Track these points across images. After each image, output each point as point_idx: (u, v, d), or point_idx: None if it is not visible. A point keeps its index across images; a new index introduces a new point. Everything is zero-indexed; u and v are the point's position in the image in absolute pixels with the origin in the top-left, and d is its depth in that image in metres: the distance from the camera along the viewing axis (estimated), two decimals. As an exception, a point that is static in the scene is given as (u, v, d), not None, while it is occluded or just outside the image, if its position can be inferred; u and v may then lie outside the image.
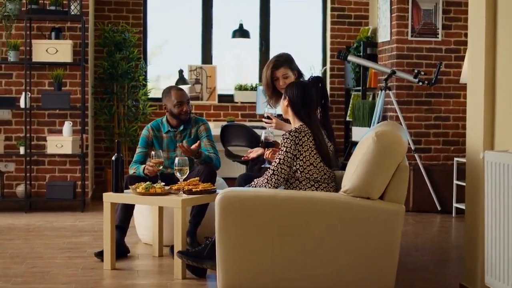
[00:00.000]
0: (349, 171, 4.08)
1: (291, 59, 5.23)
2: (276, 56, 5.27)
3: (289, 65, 5.18)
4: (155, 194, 4.72)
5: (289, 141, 4.24)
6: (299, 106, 4.37)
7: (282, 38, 9.08)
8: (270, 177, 4.25)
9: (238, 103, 8.82)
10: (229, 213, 3.97)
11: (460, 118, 7.84)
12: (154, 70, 8.81)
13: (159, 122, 5.72)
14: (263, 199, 4.00)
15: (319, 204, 3.99)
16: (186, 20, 8.94)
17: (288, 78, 5.18)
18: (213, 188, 4.89)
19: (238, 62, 9.22)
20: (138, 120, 8.28)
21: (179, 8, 8.96)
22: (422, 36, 7.77)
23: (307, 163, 4.25)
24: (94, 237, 5.95)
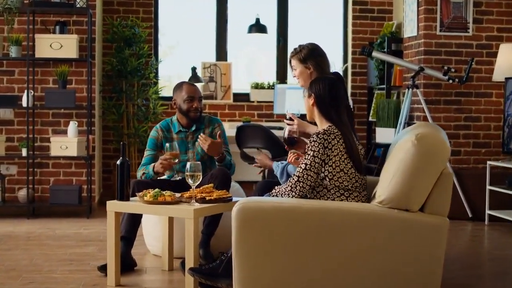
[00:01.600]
0: (385, 179, 3.58)
1: (307, 52, 4.70)
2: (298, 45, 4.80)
3: (299, 57, 4.68)
4: (164, 202, 4.25)
5: (317, 144, 3.74)
6: (327, 104, 3.88)
7: (301, 34, 8.58)
8: (295, 185, 3.76)
9: (254, 103, 8.34)
10: (247, 226, 3.50)
11: (492, 119, 7.32)
12: (166, 69, 8.31)
13: (168, 122, 5.25)
14: (286, 210, 3.51)
15: (350, 216, 3.51)
16: (200, 14, 8.47)
17: (298, 72, 4.72)
18: (229, 196, 4.41)
19: (254, 59, 8.71)
20: (149, 120, 7.81)
21: (192, 1, 8.48)
22: (451, 31, 7.25)
23: (336, 169, 3.75)
24: (99, 247, 5.48)
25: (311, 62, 4.67)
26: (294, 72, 4.76)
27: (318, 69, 4.70)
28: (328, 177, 3.76)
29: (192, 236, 4.08)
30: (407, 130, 3.99)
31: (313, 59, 4.67)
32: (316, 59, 4.70)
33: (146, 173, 4.98)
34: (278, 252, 3.50)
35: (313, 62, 4.67)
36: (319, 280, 3.49)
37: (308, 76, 4.71)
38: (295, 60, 4.72)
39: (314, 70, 4.69)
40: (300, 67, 4.70)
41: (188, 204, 4.22)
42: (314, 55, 4.71)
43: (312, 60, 4.67)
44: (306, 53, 4.68)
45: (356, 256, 3.50)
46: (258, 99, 8.36)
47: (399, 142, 3.65)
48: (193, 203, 4.22)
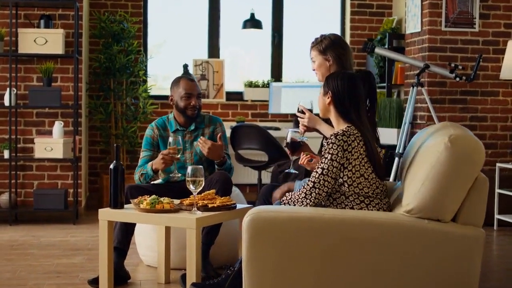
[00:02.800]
0: (413, 186, 3.21)
1: (328, 43, 4.33)
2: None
3: (319, 48, 4.31)
4: (162, 211, 3.86)
5: (335, 146, 3.37)
6: (346, 102, 3.50)
7: (297, 30, 8.22)
8: (310, 191, 3.38)
9: (248, 102, 7.96)
10: (260, 239, 3.12)
11: (499, 119, 6.99)
12: (155, 66, 7.89)
13: (165, 119, 4.87)
14: (305, 220, 3.14)
15: (377, 227, 3.14)
16: (191, 8, 8.07)
17: (317, 64, 4.35)
18: (233, 203, 4.03)
19: (248, 56, 8.33)
20: (138, 120, 7.41)
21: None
22: (457, 26, 6.91)
23: (356, 174, 3.38)
24: (88, 257, 5.08)
25: (331, 53, 4.30)
26: (313, 65, 4.39)
27: (339, 63, 4.32)
28: (347, 183, 3.39)
29: (194, 248, 3.70)
30: (430, 131, 3.63)
31: (333, 51, 4.30)
32: (337, 51, 4.32)
33: (144, 173, 4.60)
34: (295, 267, 3.13)
35: (334, 54, 4.29)
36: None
37: (327, 69, 4.34)
38: (315, 51, 4.35)
39: (333, 63, 4.32)
40: (319, 58, 4.32)
41: (189, 213, 3.83)
42: (336, 46, 4.33)
43: (332, 51, 4.30)
44: (327, 44, 4.30)
45: (382, 271, 3.14)
46: (252, 98, 7.99)
47: (426, 144, 3.29)
48: (195, 211, 3.83)
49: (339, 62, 4.32)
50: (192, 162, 4.73)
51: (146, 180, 4.65)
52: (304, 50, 8.33)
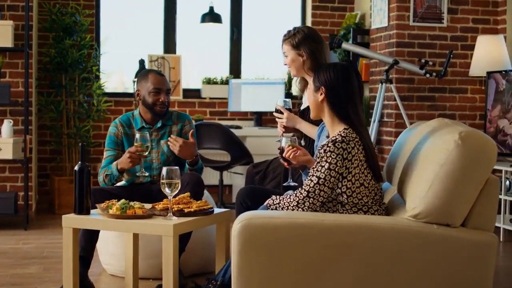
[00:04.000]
0: (419, 188, 2.93)
1: (302, 37, 4.10)
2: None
3: (292, 42, 4.09)
4: (134, 216, 3.50)
5: (334, 155, 3.05)
6: (342, 100, 3.19)
7: (257, 25, 7.91)
8: (303, 200, 3.06)
9: (206, 99, 7.62)
10: (253, 247, 2.81)
11: (467, 116, 6.81)
12: (108, 62, 7.47)
13: (129, 116, 4.50)
14: (303, 227, 2.84)
15: (382, 233, 2.86)
16: (147, 0, 7.69)
17: (289, 59, 4.13)
18: (210, 207, 3.69)
19: (207, 51, 7.97)
20: (91, 119, 6.99)
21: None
22: (425, 21, 6.70)
23: (356, 184, 3.08)
24: (44, 266, 4.69)
25: (305, 48, 4.04)
26: (285, 60, 4.15)
27: (313, 58, 4.09)
28: (346, 194, 3.08)
29: (171, 257, 3.35)
30: (426, 129, 3.37)
31: (307, 46, 4.05)
32: (311, 45, 4.08)
33: (109, 174, 4.23)
34: (291, 278, 2.83)
35: (307, 49, 4.04)
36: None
37: (301, 65, 4.09)
38: (287, 45, 4.11)
39: (307, 58, 4.06)
40: (292, 54, 4.08)
41: (164, 218, 3.48)
42: (309, 40, 4.10)
43: (306, 46, 4.04)
44: (301, 38, 4.06)
45: (388, 280, 2.85)
46: (210, 96, 7.65)
47: (430, 143, 3.01)
48: (170, 216, 3.48)
49: (313, 58, 4.08)
50: (158, 163, 4.39)
51: (111, 181, 4.29)
52: (263, 45, 8.08)
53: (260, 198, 3.84)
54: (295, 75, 4.21)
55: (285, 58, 4.16)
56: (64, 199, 6.73)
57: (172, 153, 4.37)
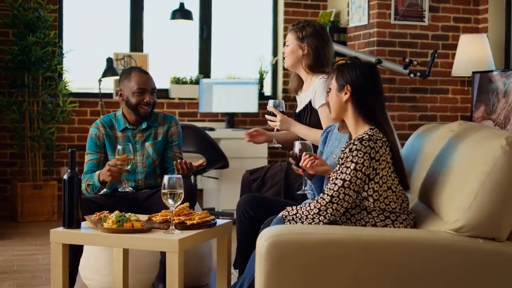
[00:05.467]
0: (459, 199, 2.67)
1: (311, 31, 3.93)
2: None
3: (298, 34, 3.93)
4: (133, 230, 3.16)
5: (361, 154, 2.78)
6: (369, 97, 2.92)
7: (227, 23, 7.60)
8: (326, 207, 2.78)
9: (175, 99, 7.28)
10: (285, 268, 2.52)
11: (448, 118, 6.62)
12: (73, 60, 7.03)
13: (111, 117, 4.16)
14: (339, 244, 2.56)
15: (424, 249, 2.60)
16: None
17: (289, 49, 3.97)
18: (212, 218, 3.38)
19: (175, 49, 7.62)
20: (56, 120, 6.58)
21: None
22: (406, 19, 6.49)
23: (384, 187, 2.82)
24: (17, 282, 4.31)
25: (310, 42, 3.82)
26: (285, 48, 3.99)
27: (315, 55, 3.87)
28: (373, 197, 2.81)
29: (177, 276, 3.04)
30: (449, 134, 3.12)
31: (313, 41, 3.83)
32: (318, 42, 3.87)
33: (91, 184, 3.89)
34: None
35: (313, 44, 3.82)
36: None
37: (299, 58, 3.92)
38: (293, 34, 3.95)
39: (308, 54, 3.88)
40: (294, 44, 3.93)
41: (166, 232, 3.15)
42: (317, 37, 3.89)
43: (312, 41, 3.82)
44: (309, 32, 3.87)
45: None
46: (179, 96, 7.31)
47: (469, 149, 2.76)
48: (172, 230, 3.16)
49: (316, 55, 3.86)
50: (143, 166, 4.07)
51: (94, 191, 3.95)
52: (234, 44, 7.77)
53: (262, 207, 3.58)
54: (288, 66, 4.02)
55: (285, 47, 4.00)
56: (27, 206, 6.33)
57: (158, 156, 4.08)
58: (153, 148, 4.08)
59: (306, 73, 3.96)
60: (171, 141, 4.17)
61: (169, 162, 4.15)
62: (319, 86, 3.85)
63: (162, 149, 4.13)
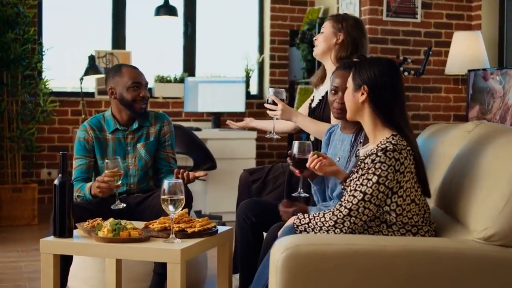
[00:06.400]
0: (488, 206, 2.48)
1: (352, 22, 3.78)
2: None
3: (337, 22, 3.76)
4: (130, 240, 2.94)
5: (385, 166, 2.57)
6: (388, 98, 2.72)
7: (212, 19, 7.38)
8: (343, 220, 2.57)
9: (159, 99, 7.05)
10: (304, 282, 2.28)
11: (441, 117, 6.46)
12: (52, 57, 6.77)
13: (99, 118, 3.92)
14: (363, 255, 2.36)
15: (452, 259, 2.42)
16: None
17: (323, 36, 3.80)
18: (213, 225, 3.17)
19: (159, 47, 7.38)
20: (36, 120, 6.32)
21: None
22: (399, 16, 6.31)
23: (407, 201, 2.62)
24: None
25: (349, 32, 3.69)
26: (318, 36, 3.81)
27: (352, 46, 3.72)
28: (396, 212, 2.61)
29: (178, 287, 2.81)
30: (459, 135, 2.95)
31: (352, 31, 3.68)
32: (357, 33, 3.72)
33: (82, 196, 3.65)
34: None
35: (351, 34, 3.68)
36: None
37: (329, 47, 3.76)
38: (330, 22, 3.79)
39: (344, 43, 3.71)
40: (330, 31, 3.76)
41: (166, 241, 2.93)
42: (357, 29, 3.74)
43: (351, 31, 3.66)
44: (350, 23, 3.77)
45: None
46: (163, 95, 7.08)
47: (495, 153, 2.57)
48: (173, 239, 2.94)
49: (353, 46, 3.67)
50: (136, 169, 3.85)
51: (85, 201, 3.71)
52: (219, 41, 7.55)
53: (264, 212, 3.38)
54: (317, 54, 3.84)
55: (319, 34, 3.83)
56: (7, 209, 6.09)
57: (150, 157, 3.87)
58: (146, 150, 3.86)
59: (332, 64, 3.75)
60: (164, 141, 3.95)
61: (161, 163, 3.94)
62: None
63: (154, 150, 3.92)
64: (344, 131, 3.26)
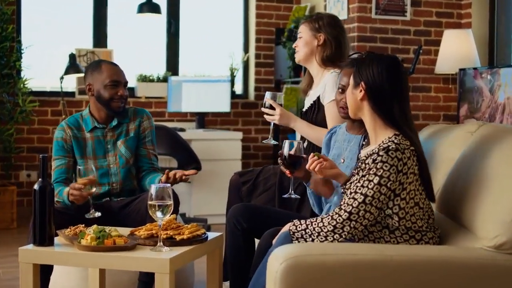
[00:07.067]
0: (497, 211, 2.33)
1: (328, 21, 3.60)
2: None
3: (314, 24, 3.60)
4: (115, 248, 2.76)
5: (387, 166, 2.43)
6: (386, 96, 2.58)
7: (196, 17, 7.21)
8: (342, 224, 2.43)
9: (141, 98, 6.87)
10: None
11: (431, 117, 6.34)
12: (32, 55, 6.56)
13: (77, 117, 3.76)
14: (368, 266, 2.22)
15: (461, 269, 2.27)
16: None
17: (302, 41, 3.62)
18: (203, 232, 3.00)
19: (141, 45, 7.20)
20: (15, 121, 6.11)
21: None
22: (388, 13, 6.17)
23: (410, 204, 2.47)
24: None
25: (327, 32, 3.52)
26: (297, 42, 3.64)
27: (335, 45, 3.55)
28: (398, 216, 2.46)
29: (167, 301, 2.64)
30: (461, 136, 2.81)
31: (331, 30, 3.52)
32: (336, 31, 3.56)
33: (61, 201, 3.47)
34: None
35: (331, 34, 3.50)
36: None
37: (312, 50, 3.59)
38: (306, 25, 3.61)
39: (325, 44, 3.54)
40: (309, 35, 3.59)
41: (153, 250, 2.76)
42: (336, 27, 3.58)
43: (329, 30, 3.51)
44: (326, 22, 3.59)
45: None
46: (146, 95, 6.91)
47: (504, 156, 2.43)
48: (161, 247, 2.77)
49: (336, 44, 3.54)
50: (117, 167, 3.69)
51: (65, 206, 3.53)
52: (203, 40, 7.38)
53: (256, 217, 3.21)
54: (300, 60, 3.67)
55: (297, 40, 3.65)
56: (-15, 213, 5.88)
57: (131, 154, 3.72)
58: (126, 146, 3.71)
59: (318, 67, 3.61)
60: (144, 137, 3.79)
61: (142, 160, 3.78)
62: (329, 80, 3.50)
63: (135, 146, 3.76)
64: (350, 131, 3.12)
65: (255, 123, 7.15)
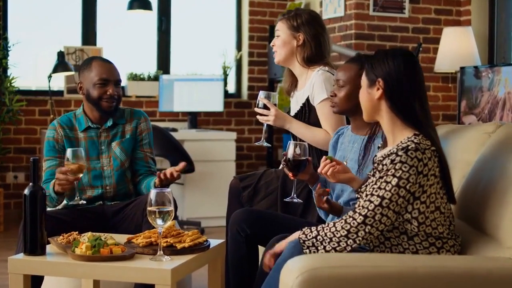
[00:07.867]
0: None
1: (307, 18, 3.44)
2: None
3: (291, 23, 3.43)
4: (112, 258, 2.58)
5: (406, 167, 2.26)
6: (406, 93, 2.41)
7: (188, 14, 7.03)
8: (357, 228, 2.26)
9: (132, 98, 6.69)
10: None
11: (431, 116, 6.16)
12: (19, 53, 6.36)
13: (70, 116, 3.57)
14: (390, 278, 2.03)
15: (489, 281, 2.08)
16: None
17: (280, 41, 3.46)
18: (205, 240, 2.82)
19: (132, 43, 7.01)
20: (1, 121, 5.92)
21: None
22: (386, 10, 6.01)
23: (431, 208, 2.31)
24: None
25: (306, 32, 3.37)
26: (275, 41, 3.47)
27: (315, 45, 3.40)
28: (418, 221, 2.30)
29: (168, 314, 2.46)
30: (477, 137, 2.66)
31: (310, 29, 3.37)
32: (316, 30, 3.40)
33: (48, 195, 3.28)
34: None
35: (310, 33, 3.34)
36: None
37: (291, 51, 3.44)
38: (284, 23, 3.45)
39: (305, 44, 3.39)
40: (287, 35, 3.43)
41: (153, 259, 2.58)
42: (315, 24, 3.41)
43: (309, 29, 3.35)
44: (305, 19, 3.44)
45: None
46: (137, 94, 6.73)
47: None
48: (161, 256, 2.59)
49: (316, 43, 3.37)
50: (111, 169, 3.51)
51: (53, 203, 3.35)
52: (195, 37, 7.20)
53: (259, 222, 3.07)
54: (279, 61, 3.50)
55: (275, 39, 3.48)
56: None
57: (127, 156, 3.54)
58: (121, 148, 3.52)
59: (301, 67, 3.45)
60: (141, 139, 3.61)
61: (139, 164, 3.60)
62: (317, 79, 3.34)
63: (131, 149, 3.57)
64: (355, 131, 2.97)
65: (248, 123, 6.98)
